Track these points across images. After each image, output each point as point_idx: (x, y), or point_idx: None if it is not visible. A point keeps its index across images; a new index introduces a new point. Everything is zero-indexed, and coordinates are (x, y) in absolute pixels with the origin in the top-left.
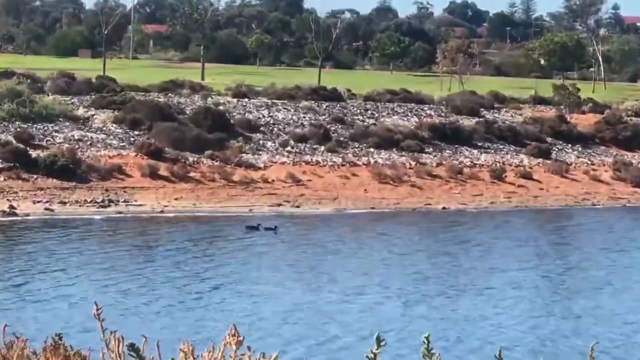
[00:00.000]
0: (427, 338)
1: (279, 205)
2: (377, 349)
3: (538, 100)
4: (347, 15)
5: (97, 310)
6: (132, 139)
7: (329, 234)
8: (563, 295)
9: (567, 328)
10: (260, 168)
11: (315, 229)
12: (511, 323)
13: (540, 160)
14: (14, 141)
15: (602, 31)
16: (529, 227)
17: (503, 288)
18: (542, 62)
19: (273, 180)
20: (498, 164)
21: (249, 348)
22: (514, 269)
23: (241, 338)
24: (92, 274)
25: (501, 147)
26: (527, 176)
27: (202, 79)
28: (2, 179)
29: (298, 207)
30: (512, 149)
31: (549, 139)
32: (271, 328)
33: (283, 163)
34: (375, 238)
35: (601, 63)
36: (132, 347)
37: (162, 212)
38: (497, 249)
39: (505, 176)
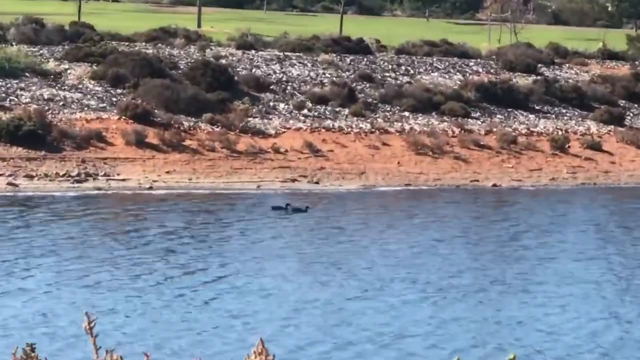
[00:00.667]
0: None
1: (294, 180)
2: None
3: (608, 55)
4: None
5: (90, 323)
6: (114, 99)
7: (352, 216)
8: (633, 294)
9: (637, 334)
10: (270, 135)
11: (336, 210)
12: (566, 328)
13: (611, 127)
14: None
15: None
16: (597, 210)
17: (559, 284)
18: (610, 7)
19: (286, 151)
20: (560, 132)
21: None
22: (574, 260)
23: (271, 357)
24: (58, 264)
25: (564, 111)
26: (596, 147)
27: (199, 26)
28: None
29: (317, 183)
30: (577, 113)
31: (622, 102)
32: (271, 331)
33: (298, 129)
34: (409, 221)
35: None
36: None
37: (150, 188)
38: (556, 236)
39: (569, 147)
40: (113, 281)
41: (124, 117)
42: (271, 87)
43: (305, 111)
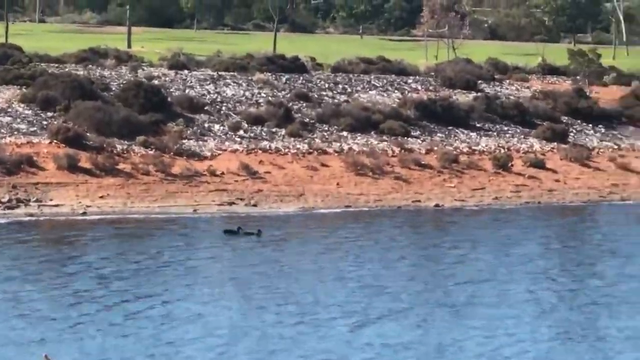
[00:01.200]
0: None
1: (231, 204)
2: None
3: (548, 70)
4: None
5: None
6: (44, 123)
7: (291, 240)
8: (577, 315)
9: (584, 356)
10: (206, 158)
11: (275, 233)
12: (504, 352)
13: (554, 144)
14: None
15: None
16: (541, 229)
17: (498, 305)
18: (547, 22)
19: (222, 173)
20: (502, 150)
21: None
22: (518, 281)
23: None
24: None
25: (505, 128)
26: (539, 165)
27: (129, 46)
28: None
29: (255, 206)
30: (519, 130)
31: (565, 118)
32: (207, 359)
33: (234, 151)
34: (348, 244)
35: (622, 22)
36: None
37: (84, 213)
38: (497, 256)
39: (512, 165)
40: (44, 310)
41: (55, 141)
42: (205, 108)
43: (241, 132)
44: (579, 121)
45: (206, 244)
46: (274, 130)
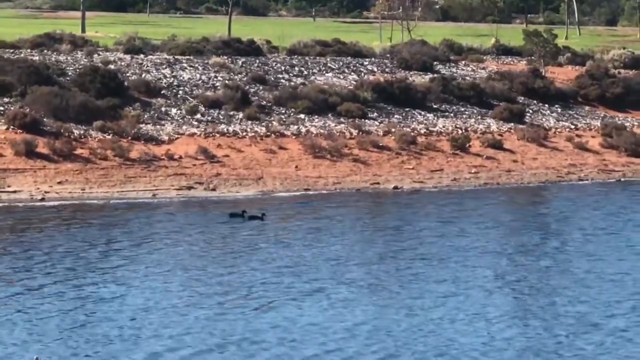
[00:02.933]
0: None
1: (190, 188)
2: None
3: (503, 50)
4: None
5: None
6: (1, 109)
7: (239, 226)
8: (530, 294)
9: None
10: (163, 142)
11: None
12: (464, 330)
13: (511, 125)
14: None
15: None
16: (498, 210)
17: (451, 285)
18: (499, 3)
19: (180, 157)
20: (460, 131)
21: None
22: (470, 260)
23: None
24: None
25: (462, 109)
26: (497, 146)
27: (83, 31)
28: None
29: (214, 190)
30: (476, 111)
31: (521, 99)
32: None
33: (192, 135)
34: (305, 226)
35: (574, 3)
36: None
37: (42, 199)
38: (455, 237)
39: (470, 146)
40: None
41: (12, 127)
42: (162, 92)
43: (198, 116)
44: (535, 101)
45: (161, 231)
46: (231, 113)
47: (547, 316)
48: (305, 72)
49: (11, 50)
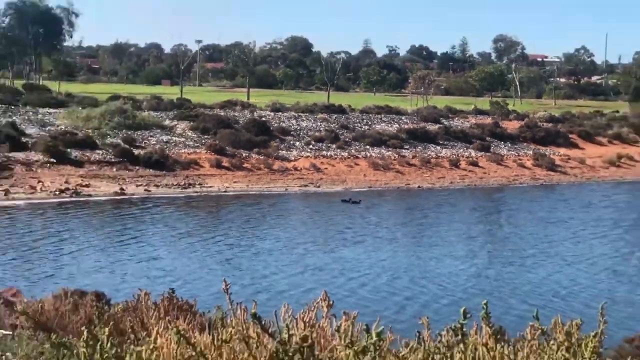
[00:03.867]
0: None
1: (305, 186)
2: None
3: (478, 112)
4: (343, 55)
5: (226, 286)
6: (203, 141)
7: (348, 205)
8: (481, 243)
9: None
10: (291, 160)
11: (328, 202)
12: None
13: (483, 153)
14: (122, 143)
15: (514, 65)
16: (476, 199)
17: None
18: (477, 86)
19: (300, 169)
20: (454, 156)
21: (345, 313)
22: (455, 227)
23: (331, 302)
24: (171, 234)
25: (455, 144)
26: (475, 164)
27: (248, 99)
28: (115, 169)
29: (319, 187)
30: (463, 145)
31: (488, 138)
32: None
33: (307, 157)
34: (368, 209)
35: (518, 86)
36: (254, 316)
37: (225, 191)
38: (449, 212)
39: (460, 164)
40: (199, 244)
41: (209, 152)
42: (291, 133)
43: (310, 146)
44: (496, 140)
45: (296, 210)
46: (328, 145)
47: (492, 254)
48: (370, 123)
49: (209, 109)
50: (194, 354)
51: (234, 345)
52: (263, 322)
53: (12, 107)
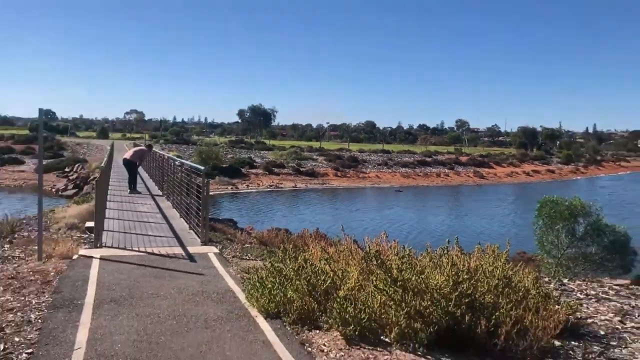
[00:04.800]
0: None
1: (373, 184)
2: None
3: (450, 153)
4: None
5: (342, 228)
6: (329, 164)
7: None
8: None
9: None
10: (367, 173)
11: (385, 191)
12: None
13: (450, 170)
14: (295, 166)
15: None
16: (447, 190)
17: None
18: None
19: (371, 177)
20: (438, 172)
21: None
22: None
23: (387, 234)
24: (322, 205)
25: (439, 167)
26: (447, 175)
27: (348, 147)
28: (291, 177)
29: (379, 185)
30: (442, 167)
31: (453, 164)
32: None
33: (373, 171)
34: (406, 194)
35: (466, 141)
36: (355, 241)
37: (338, 186)
38: (440, 196)
39: (441, 175)
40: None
41: (331, 168)
42: (366, 161)
43: (374, 167)
44: (455, 165)
45: (367, 192)
46: (382, 166)
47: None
48: (400, 156)
49: (332, 151)
50: (327, 256)
51: (345, 253)
52: (358, 243)
53: (248, 149)
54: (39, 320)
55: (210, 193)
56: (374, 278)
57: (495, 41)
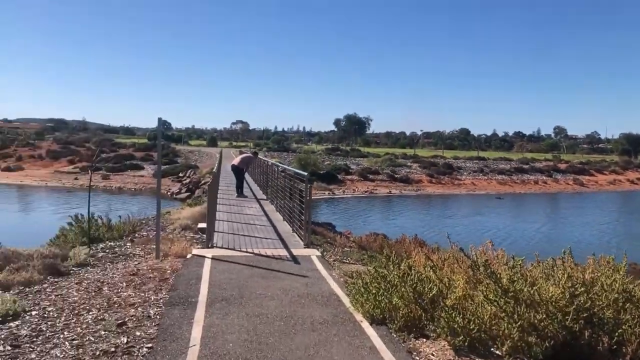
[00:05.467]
0: None
1: (468, 191)
2: None
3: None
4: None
5: (447, 235)
6: (423, 171)
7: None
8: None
9: None
10: (462, 179)
11: (482, 198)
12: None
13: (547, 178)
14: (389, 172)
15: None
16: (547, 199)
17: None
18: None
19: (466, 183)
20: (536, 179)
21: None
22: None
23: (492, 243)
24: (413, 212)
25: (537, 174)
26: (545, 182)
27: (442, 154)
28: (386, 183)
29: (474, 192)
30: (540, 175)
31: (551, 171)
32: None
33: (468, 178)
34: (506, 200)
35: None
36: (461, 249)
37: (432, 192)
38: (539, 202)
39: (538, 182)
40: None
41: (426, 175)
42: (461, 168)
43: (469, 173)
44: (554, 172)
45: (461, 199)
46: (478, 173)
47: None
48: (496, 164)
49: (426, 158)
50: (432, 263)
51: (450, 260)
52: (464, 251)
53: (344, 156)
54: (157, 316)
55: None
56: (484, 288)
57: (592, 48)
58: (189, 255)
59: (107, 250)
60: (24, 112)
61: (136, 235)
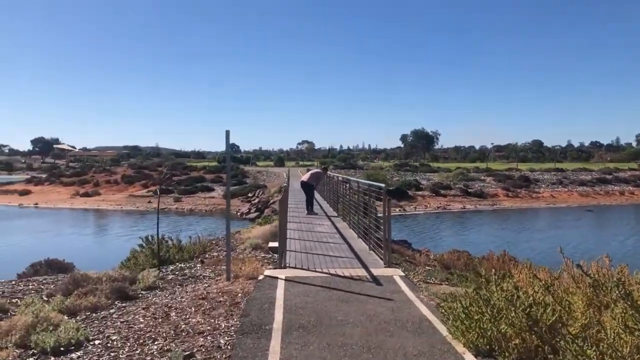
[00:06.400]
0: None
1: (548, 204)
2: None
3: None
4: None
5: (561, 250)
6: (498, 184)
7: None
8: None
9: None
10: (540, 192)
11: (567, 212)
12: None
13: (636, 188)
14: (462, 187)
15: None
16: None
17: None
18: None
19: (545, 197)
20: (621, 190)
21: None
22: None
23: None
24: (488, 226)
25: (621, 184)
26: (632, 193)
27: (517, 166)
28: (459, 199)
29: (555, 205)
30: (624, 185)
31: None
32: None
33: (547, 190)
34: (595, 213)
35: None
36: (579, 265)
37: (510, 206)
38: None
39: (625, 193)
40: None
41: (501, 189)
42: (538, 181)
43: (547, 185)
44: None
45: (541, 214)
46: (557, 185)
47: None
48: (577, 175)
49: (498, 172)
50: (542, 283)
51: (562, 279)
52: (582, 268)
53: (413, 172)
54: (228, 347)
55: (379, 214)
56: (617, 313)
57: None
58: (260, 277)
59: (177, 272)
60: (101, 141)
61: (206, 256)
